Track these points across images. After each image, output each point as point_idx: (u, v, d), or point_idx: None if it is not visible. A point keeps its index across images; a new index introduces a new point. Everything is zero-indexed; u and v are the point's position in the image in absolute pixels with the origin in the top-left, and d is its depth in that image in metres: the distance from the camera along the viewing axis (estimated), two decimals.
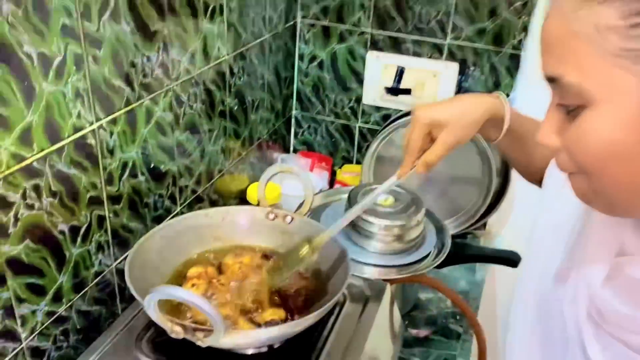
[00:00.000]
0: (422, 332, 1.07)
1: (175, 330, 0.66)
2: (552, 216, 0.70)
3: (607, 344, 0.55)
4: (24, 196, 0.66)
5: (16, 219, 0.66)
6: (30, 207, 0.68)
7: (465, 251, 1.10)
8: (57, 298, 0.76)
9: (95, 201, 0.79)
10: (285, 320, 0.75)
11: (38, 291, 0.72)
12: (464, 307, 1.05)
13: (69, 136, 0.71)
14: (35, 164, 0.67)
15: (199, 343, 0.65)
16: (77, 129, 0.72)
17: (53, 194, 0.71)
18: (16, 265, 0.68)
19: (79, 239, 0.77)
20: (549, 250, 0.67)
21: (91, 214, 0.79)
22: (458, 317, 1.12)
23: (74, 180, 0.74)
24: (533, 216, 0.74)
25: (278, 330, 0.70)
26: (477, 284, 1.22)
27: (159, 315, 0.65)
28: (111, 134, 0.79)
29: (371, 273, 0.96)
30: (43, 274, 0.73)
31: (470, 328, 1.08)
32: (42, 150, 0.67)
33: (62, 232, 0.74)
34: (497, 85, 1.33)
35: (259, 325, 0.73)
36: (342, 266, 0.81)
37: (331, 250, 0.85)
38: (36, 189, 0.68)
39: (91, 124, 0.74)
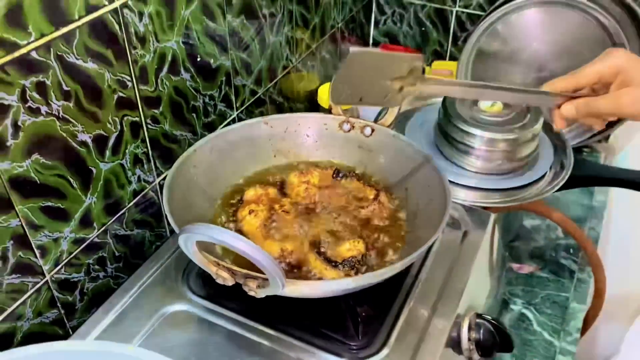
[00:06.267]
0: (526, 268, 0.89)
1: (221, 276, 0.51)
2: None
3: None
4: (23, 97, 0.51)
5: (16, 128, 0.51)
6: (34, 112, 0.52)
7: (583, 171, 0.87)
8: (86, 222, 0.62)
9: (126, 104, 0.63)
10: (365, 256, 0.59)
11: (59, 216, 0.59)
12: (583, 239, 0.85)
13: (80, 17, 0.53)
14: (34, 53, 0.50)
15: (251, 294, 0.50)
16: (90, 10, 0.54)
17: (65, 95, 0.55)
18: (25, 186, 0.54)
19: (107, 152, 0.62)
20: None
21: (122, 119, 0.63)
22: (571, 251, 0.92)
23: (93, 76, 0.57)
24: None
25: (353, 281, 0.53)
26: (595, 211, 1.00)
27: (199, 257, 0.50)
28: (140, 15, 0.61)
29: (471, 199, 0.77)
30: (63, 195, 0.58)
31: (587, 265, 0.88)
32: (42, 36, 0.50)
33: (83, 144, 0.59)
34: None
35: (333, 263, 0.57)
36: (438, 191, 0.63)
37: (423, 171, 0.66)
38: (40, 87, 0.52)
39: (112, 1, 0.56)
